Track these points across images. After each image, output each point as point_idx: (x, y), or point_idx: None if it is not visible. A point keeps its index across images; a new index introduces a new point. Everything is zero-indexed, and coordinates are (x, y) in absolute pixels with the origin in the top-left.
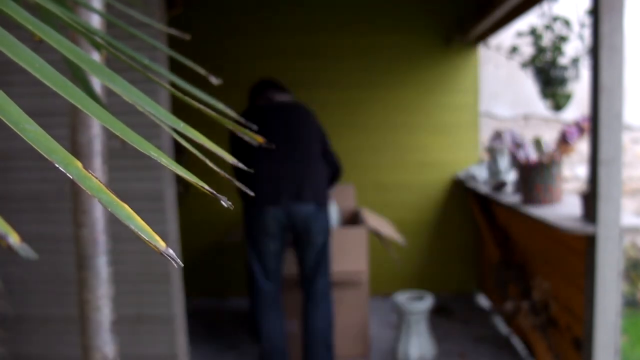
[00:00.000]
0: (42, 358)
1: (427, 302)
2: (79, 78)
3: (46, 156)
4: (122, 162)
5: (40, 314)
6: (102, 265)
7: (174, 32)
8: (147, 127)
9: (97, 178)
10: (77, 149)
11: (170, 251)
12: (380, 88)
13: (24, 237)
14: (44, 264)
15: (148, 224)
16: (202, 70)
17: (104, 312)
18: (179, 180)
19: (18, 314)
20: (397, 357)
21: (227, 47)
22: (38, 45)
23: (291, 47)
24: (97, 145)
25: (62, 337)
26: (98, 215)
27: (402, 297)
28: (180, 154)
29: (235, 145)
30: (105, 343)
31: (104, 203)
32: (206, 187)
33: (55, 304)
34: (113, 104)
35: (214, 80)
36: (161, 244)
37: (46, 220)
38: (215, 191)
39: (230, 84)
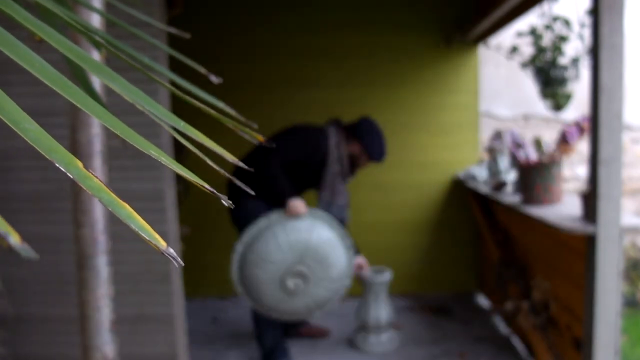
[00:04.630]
0: (42, 358)
1: (387, 275)
2: (79, 77)
3: (46, 155)
4: (122, 162)
5: (40, 314)
6: (102, 265)
7: (174, 31)
8: (147, 127)
9: (97, 177)
10: (77, 149)
11: (171, 250)
12: (380, 88)
13: (24, 237)
14: (44, 264)
15: (148, 224)
16: (202, 70)
17: (104, 312)
18: (179, 179)
19: (18, 314)
20: (359, 320)
21: (227, 47)
22: (38, 45)
23: (291, 48)
24: (98, 145)
25: (62, 337)
26: (98, 215)
27: (368, 271)
28: (180, 154)
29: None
30: (105, 343)
31: (104, 202)
32: (206, 186)
33: (55, 304)
34: (113, 104)
35: (215, 80)
36: (162, 244)
37: (46, 220)
38: (216, 190)
39: (230, 83)
